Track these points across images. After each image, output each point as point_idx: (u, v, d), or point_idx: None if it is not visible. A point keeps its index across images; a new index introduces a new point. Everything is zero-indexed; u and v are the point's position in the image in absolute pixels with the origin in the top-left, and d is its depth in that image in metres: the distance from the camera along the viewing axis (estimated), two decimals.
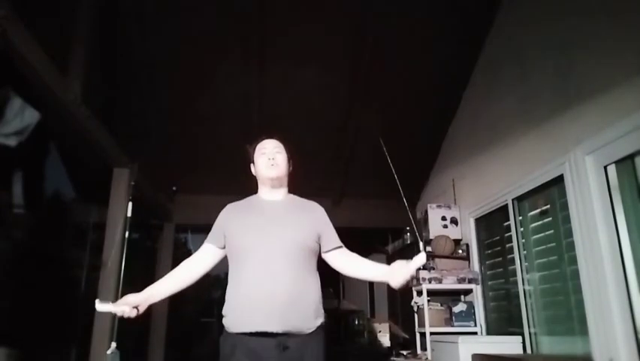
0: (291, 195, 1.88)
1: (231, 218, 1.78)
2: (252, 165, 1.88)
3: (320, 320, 1.64)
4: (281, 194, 1.83)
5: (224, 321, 1.63)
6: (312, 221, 1.78)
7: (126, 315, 1.58)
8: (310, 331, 1.59)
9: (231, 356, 1.55)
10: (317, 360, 1.59)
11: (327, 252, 1.78)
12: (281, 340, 1.53)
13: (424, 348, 3.79)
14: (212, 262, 1.77)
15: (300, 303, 1.58)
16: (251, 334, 1.54)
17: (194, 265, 1.77)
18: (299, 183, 1.96)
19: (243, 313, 1.57)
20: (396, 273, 1.57)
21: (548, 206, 3.05)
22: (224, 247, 1.75)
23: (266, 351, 1.52)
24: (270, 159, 1.79)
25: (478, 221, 4.01)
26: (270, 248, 1.62)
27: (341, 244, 1.81)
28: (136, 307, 1.61)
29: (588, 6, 2.65)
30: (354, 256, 1.81)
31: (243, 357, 1.53)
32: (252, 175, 1.89)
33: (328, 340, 1.67)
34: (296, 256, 1.64)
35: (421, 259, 1.52)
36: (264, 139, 1.87)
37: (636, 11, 2.28)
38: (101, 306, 1.59)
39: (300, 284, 1.61)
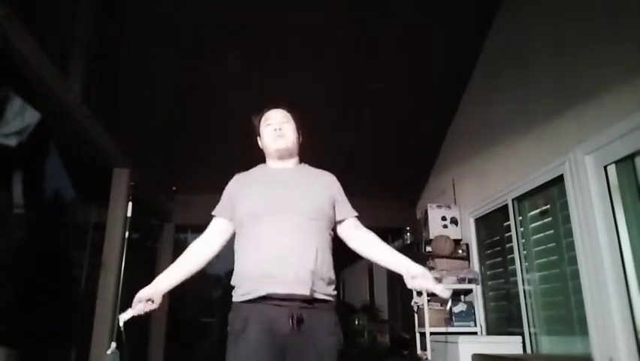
0: (302, 164, 1.78)
1: (240, 187, 1.69)
2: (258, 138, 1.77)
3: (332, 290, 1.56)
4: (291, 163, 1.74)
5: (234, 293, 1.54)
6: (325, 187, 1.69)
7: (145, 310, 1.52)
8: (322, 298, 1.50)
9: (243, 331, 1.44)
10: (331, 335, 1.49)
11: (341, 221, 1.69)
12: (293, 308, 1.44)
13: (424, 348, 3.79)
14: (223, 238, 1.69)
15: (312, 268, 1.48)
16: (263, 299, 1.45)
17: (204, 243, 1.68)
18: None
19: (252, 281, 1.48)
20: (418, 280, 1.51)
21: (548, 206, 3.05)
22: (233, 219, 1.66)
23: (277, 318, 1.43)
24: (276, 129, 1.69)
25: (478, 221, 4.01)
26: (280, 215, 1.54)
27: (355, 214, 1.72)
28: (150, 301, 1.53)
29: (588, 6, 2.65)
30: (371, 233, 1.72)
31: (255, 331, 1.43)
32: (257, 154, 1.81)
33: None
34: (308, 222, 1.55)
35: (445, 293, 1.49)
36: (269, 109, 1.77)
37: (636, 11, 2.28)
38: (123, 317, 1.52)
39: (312, 250, 1.51)
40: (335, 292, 1.58)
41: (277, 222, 1.53)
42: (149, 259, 5.11)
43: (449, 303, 1.57)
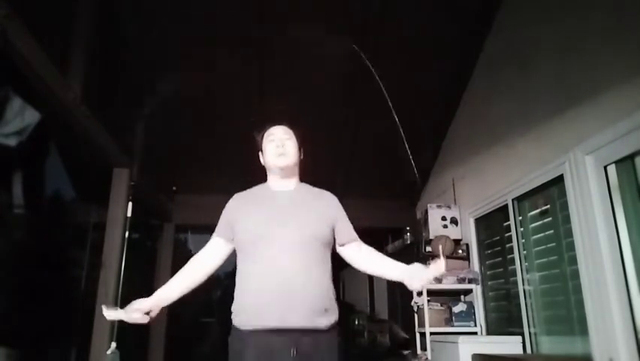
0: (303, 184, 1.78)
1: (239, 209, 1.69)
2: (260, 153, 1.78)
3: (334, 317, 1.56)
4: (292, 183, 1.73)
5: (233, 318, 1.56)
6: (325, 211, 1.68)
7: (138, 322, 1.52)
8: (324, 328, 1.51)
9: (241, 353, 1.47)
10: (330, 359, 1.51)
11: (342, 245, 1.70)
12: (293, 337, 1.45)
13: (424, 348, 3.79)
14: (221, 257, 1.69)
15: (313, 298, 1.50)
16: (262, 331, 1.46)
17: (203, 262, 1.68)
18: None
19: (252, 310, 1.50)
20: (415, 277, 1.53)
21: (548, 206, 3.05)
22: (233, 240, 1.67)
23: (277, 348, 1.44)
24: (278, 146, 1.69)
25: (478, 221, 4.01)
26: (281, 240, 1.54)
27: (356, 236, 1.73)
28: (147, 313, 1.54)
29: (588, 6, 2.65)
30: (371, 250, 1.72)
31: (252, 353, 1.45)
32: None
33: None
34: (309, 248, 1.56)
35: (440, 267, 1.49)
36: (272, 125, 1.76)
37: (636, 11, 2.28)
38: (109, 313, 1.52)
39: (313, 278, 1.52)
40: (336, 320, 1.57)
41: (276, 249, 1.54)
42: (149, 258, 5.11)
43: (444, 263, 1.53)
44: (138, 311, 1.53)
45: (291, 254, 1.53)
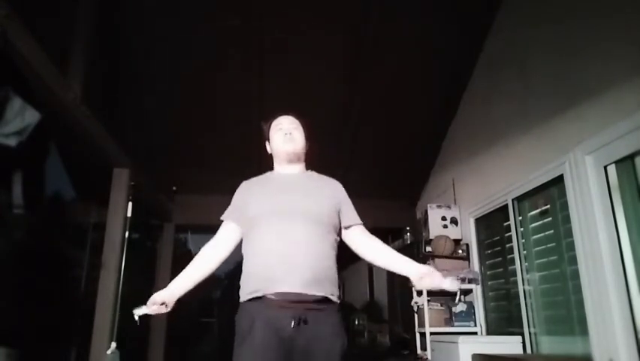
0: (309, 171, 1.83)
1: (248, 192, 1.73)
2: (267, 143, 1.83)
3: (336, 296, 1.58)
4: (298, 168, 1.78)
5: (241, 293, 1.57)
6: (330, 194, 1.73)
7: (158, 312, 1.56)
8: (328, 298, 1.53)
9: (249, 332, 1.48)
10: (336, 337, 1.53)
11: (346, 228, 1.72)
12: (298, 311, 1.46)
13: (424, 348, 3.79)
14: (233, 242, 1.70)
15: (317, 269, 1.52)
16: (269, 299, 1.48)
17: (215, 248, 1.70)
18: None
19: (260, 277, 1.52)
20: (425, 279, 1.56)
21: (548, 206, 3.05)
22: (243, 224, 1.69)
23: (284, 322, 1.45)
24: (286, 134, 1.75)
25: (478, 221, 4.01)
26: (287, 217, 1.58)
27: (360, 221, 1.75)
28: (164, 304, 1.57)
29: (588, 6, 2.65)
30: (376, 240, 1.75)
31: (261, 332, 1.46)
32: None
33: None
34: (314, 225, 1.58)
35: (453, 286, 1.54)
36: (280, 115, 1.82)
37: (636, 11, 2.28)
38: (138, 311, 1.58)
39: (318, 253, 1.55)
40: (339, 294, 1.60)
41: (284, 225, 1.57)
42: (149, 259, 5.11)
43: (458, 296, 1.63)
44: (156, 304, 1.56)
45: (296, 231, 1.55)
